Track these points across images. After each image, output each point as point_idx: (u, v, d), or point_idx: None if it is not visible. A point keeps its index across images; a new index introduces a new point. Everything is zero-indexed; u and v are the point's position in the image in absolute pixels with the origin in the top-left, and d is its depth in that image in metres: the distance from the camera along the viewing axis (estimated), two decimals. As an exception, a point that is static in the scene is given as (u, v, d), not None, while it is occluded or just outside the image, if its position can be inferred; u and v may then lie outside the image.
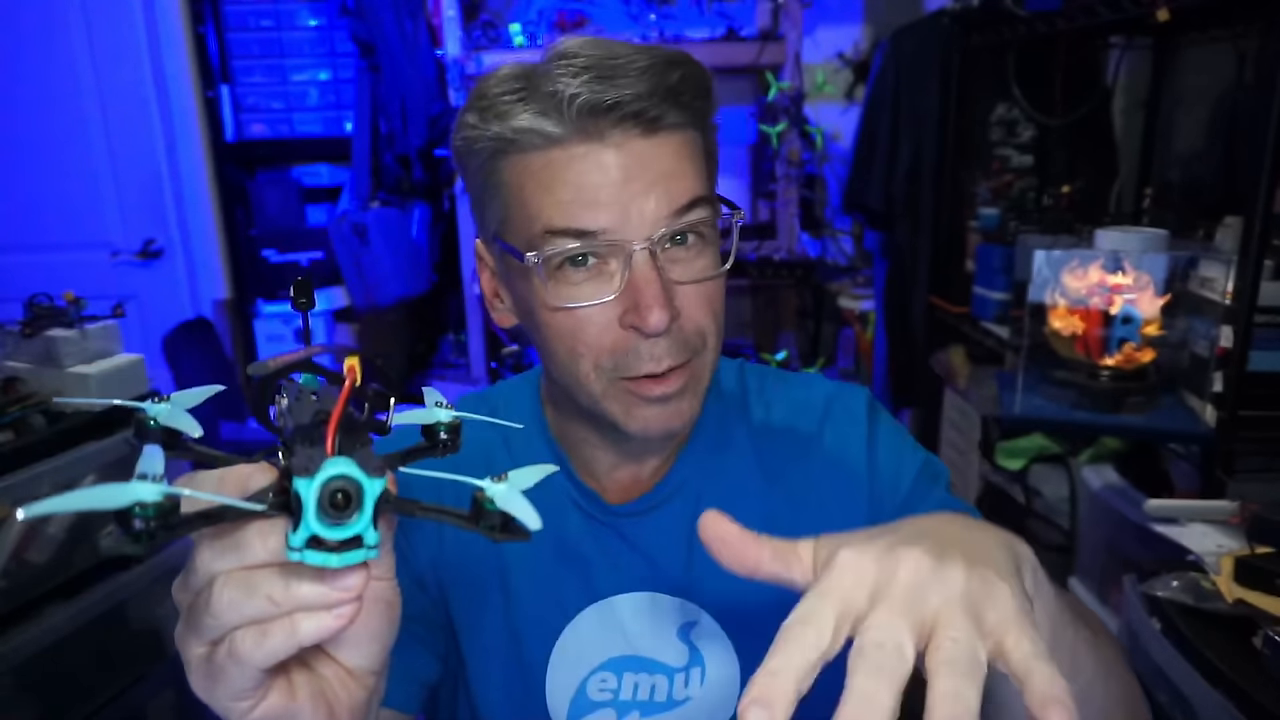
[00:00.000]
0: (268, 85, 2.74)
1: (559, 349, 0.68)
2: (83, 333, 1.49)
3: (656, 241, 0.64)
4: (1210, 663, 0.92)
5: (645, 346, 0.65)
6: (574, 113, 0.62)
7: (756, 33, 2.38)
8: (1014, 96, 2.11)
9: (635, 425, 0.68)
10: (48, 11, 2.60)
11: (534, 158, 0.64)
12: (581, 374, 0.68)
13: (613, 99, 0.61)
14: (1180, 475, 1.55)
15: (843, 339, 2.68)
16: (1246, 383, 1.30)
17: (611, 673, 0.75)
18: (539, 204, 0.64)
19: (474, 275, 2.51)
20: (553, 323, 0.67)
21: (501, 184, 0.67)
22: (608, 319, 0.65)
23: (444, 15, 2.35)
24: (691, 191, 0.65)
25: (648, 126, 0.64)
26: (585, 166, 0.63)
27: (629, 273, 0.64)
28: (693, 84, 0.66)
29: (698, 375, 0.69)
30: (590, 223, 0.63)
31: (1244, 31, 1.71)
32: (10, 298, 1.62)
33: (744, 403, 0.81)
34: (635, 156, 0.64)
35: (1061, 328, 1.52)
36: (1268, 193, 1.20)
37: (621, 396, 0.68)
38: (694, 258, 0.67)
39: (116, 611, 1.53)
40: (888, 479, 0.77)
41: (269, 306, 2.81)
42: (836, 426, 0.79)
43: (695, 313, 0.67)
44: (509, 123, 0.64)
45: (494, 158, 0.66)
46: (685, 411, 0.69)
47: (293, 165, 2.82)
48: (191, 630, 0.40)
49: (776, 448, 0.79)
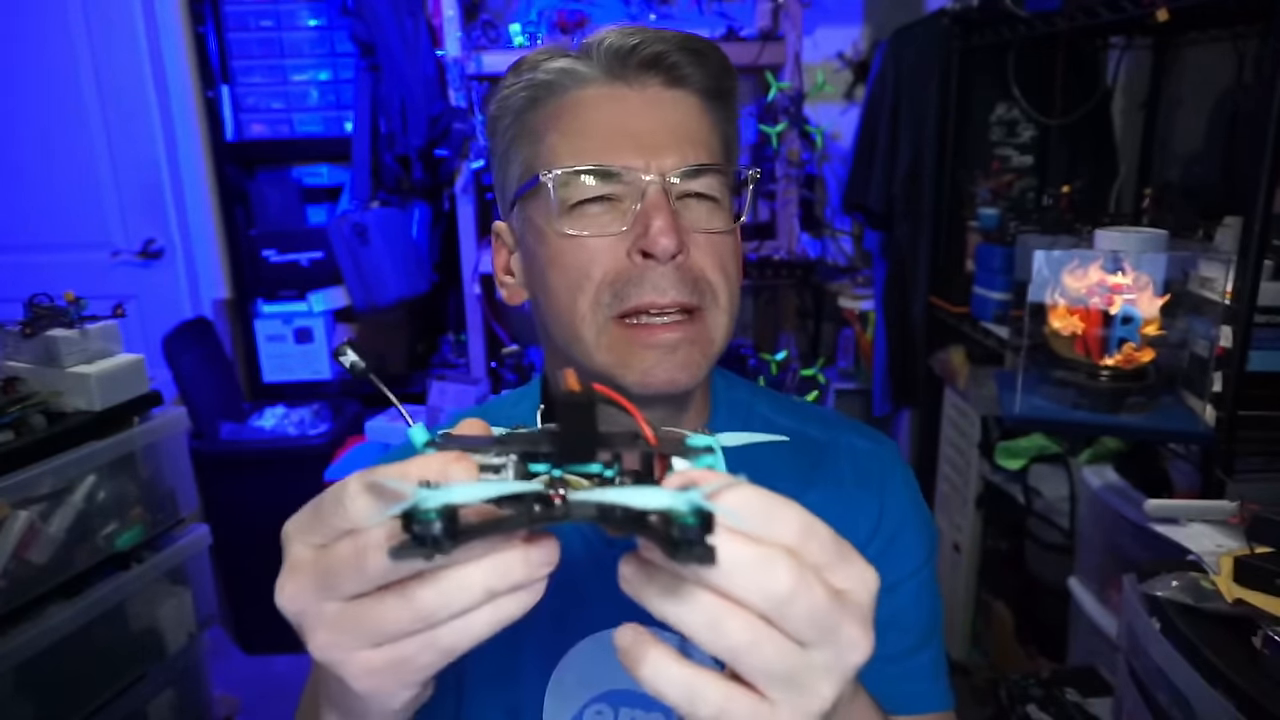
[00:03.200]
0: (268, 85, 2.73)
1: (561, 285, 0.68)
2: (83, 333, 1.49)
3: (670, 183, 0.66)
4: (1210, 663, 0.92)
5: (652, 276, 0.66)
6: (602, 54, 0.68)
7: (756, 33, 2.38)
8: (1014, 96, 2.11)
9: (633, 375, 0.67)
10: (48, 11, 2.60)
11: (564, 99, 0.69)
12: (579, 313, 0.67)
13: (637, 42, 0.67)
14: (1180, 475, 1.55)
15: (843, 339, 2.68)
16: (1246, 383, 1.30)
17: (608, 705, 0.73)
18: (564, 142, 0.68)
19: (474, 275, 2.51)
20: (560, 257, 0.68)
21: (528, 134, 0.70)
22: (616, 251, 0.67)
23: (444, 15, 2.35)
24: (708, 156, 0.69)
25: (668, 76, 0.69)
26: (609, 108, 0.68)
27: (641, 204, 0.66)
28: (716, 56, 0.71)
29: (705, 333, 0.69)
30: (610, 159, 0.66)
31: (1244, 32, 1.71)
32: (10, 298, 1.62)
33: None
34: (657, 105, 0.68)
35: (1061, 328, 1.52)
36: (1268, 193, 1.20)
37: (618, 343, 0.67)
38: (705, 212, 0.69)
39: (116, 611, 1.53)
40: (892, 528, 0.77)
41: (269, 306, 2.81)
42: (866, 479, 0.79)
43: (704, 259, 0.68)
44: (543, 66, 0.69)
45: (526, 109, 0.71)
46: (691, 365, 0.68)
47: (293, 165, 2.82)
48: (363, 634, 0.39)
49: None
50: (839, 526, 0.73)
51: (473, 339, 2.60)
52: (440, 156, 2.54)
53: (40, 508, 1.40)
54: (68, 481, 1.44)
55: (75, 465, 1.44)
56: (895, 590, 0.76)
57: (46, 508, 1.41)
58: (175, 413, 1.65)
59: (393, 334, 2.96)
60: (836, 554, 0.38)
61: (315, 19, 2.69)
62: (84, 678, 1.48)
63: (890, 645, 0.74)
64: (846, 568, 0.38)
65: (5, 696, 1.34)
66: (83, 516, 1.46)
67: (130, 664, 1.57)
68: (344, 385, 2.86)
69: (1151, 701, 1.06)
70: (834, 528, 0.72)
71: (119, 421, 1.52)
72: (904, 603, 0.76)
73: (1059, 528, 1.83)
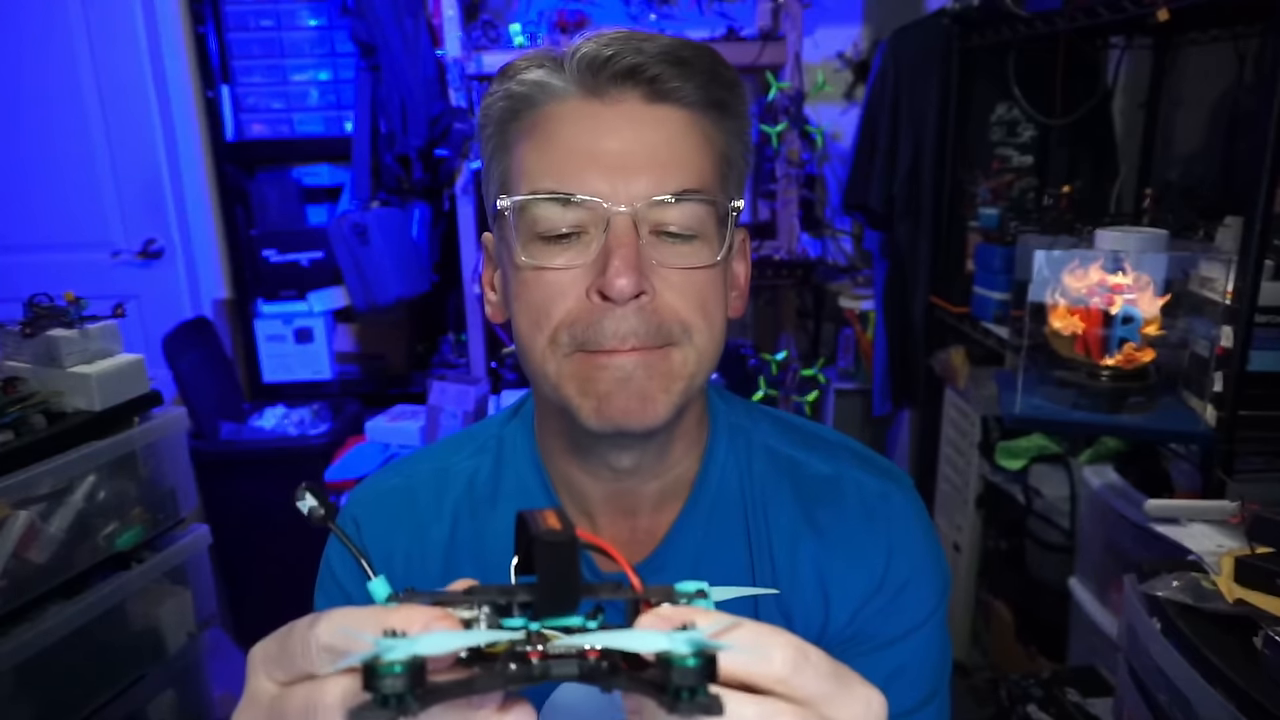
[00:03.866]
0: (268, 85, 2.73)
1: (522, 323, 0.64)
2: (83, 333, 1.48)
3: (641, 213, 0.61)
4: (1210, 663, 0.92)
5: (611, 321, 0.61)
6: (575, 66, 0.62)
7: (756, 33, 2.38)
8: (1014, 96, 2.11)
9: (588, 404, 0.62)
10: (48, 12, 2.60)
11: (537, 114, 0.64)
12: (539, 351, 0.63)
13: (612, 53, 0.61)
14: (1180, 475, 1.55)
15: (843, 339, 2.68)
16: (1246, 383, 1.30)
17: None
18: (531, 162, 0.63)
19: (474, 275, 2.51)
20: (523, 291, 0.63)
21: (505, 148, 0.66)
22: (577, 289, 0.62)
23: (444, 15, 2.35)
24: (691, 180, 0.62)
25: (648, 90, 0.62)
26: (581, 127, 0.62)
27: (605, 237, 0.60)
28: (706, 64, 0.64)
29: (673, 370, 0.63)
30: (575, 186, 0.61)
31: (1244, 32, 1.71)
32: (10, 298, 1.61)
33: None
34: (633, 123, 0.62)
35: (1062, 328, 1.52)
36: (1268, 193, 1.20)
37: (577, 370, 0.62)
38: (683, 246, 0.63)
39: (116, 611, 1.53)
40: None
41: (269, 306, 2.81)
42: (874, 523, 0.73)
43: (674, 299, 0.62)
44: (519, 77, 0.64)
45: (506, 120, 0.66)
46: (650, 400, 0.62)
47: (293, 165, 2.82)
48: None
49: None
50: (843, 573, 0.72)
51: (473, 339, 2.60)
52: (440, 156, 2.54)
53: (40, 508, 1.40)
54: (68, 481, 1.44)
55: (75, 465, 1.43)
56: (904, 641, 0.72)
57: (46, 508, 1.41)
58: (175, 413, 1.65)
59: (393, 334, 2.96)
60: (834, 683, 0.35)
61: (315, 19, 2.69)
62: (84, 678, 1.48)
63: (897, 701, 0.69)
64: (847, 696, 0.35)
65: (5, 696, 1.34)
66: (83, 516, 1.46)
67: (130, 664, 1.57)
68: (344, 385, 2.86)
69: (1152, 701, 1.06)
70: (837, 572, 0.72)
71: (119, 421, 1.52)
72: (913, 655, 0.72)
73: (1059, 528, 1.82)
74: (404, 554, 0.76)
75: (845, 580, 0.72)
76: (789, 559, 0.72)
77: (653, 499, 0.73)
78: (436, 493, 0.77)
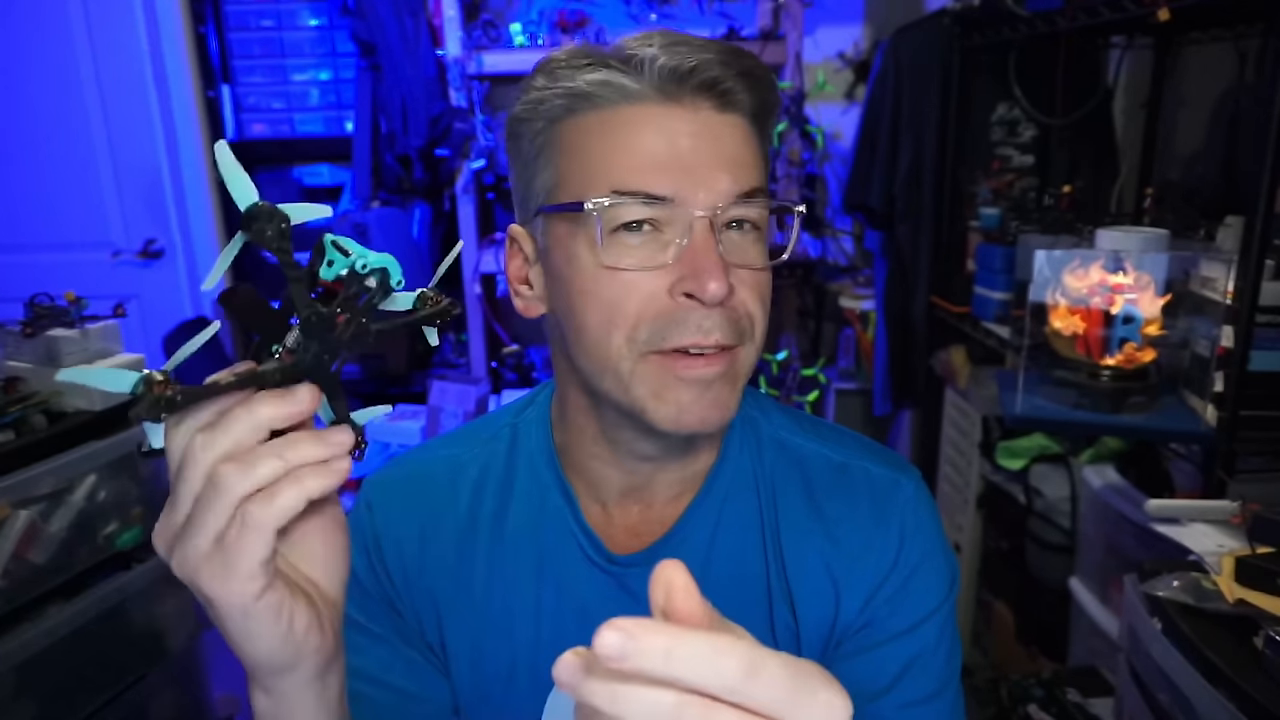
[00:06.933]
0: (268, 85, 2.74)
1: (593, 320, 0.65)
2: (83, 332, 1.49)
3: (720, 214, 0.64)
4: (1211, 663, 0.92)
5: (696, 316, 0.63)
6: (655, 73, 0.63)
7: (757, 33, 2.38)
8: (1015, 96, 2.10)
9: (665, 411, 0.64)
10: (48, 11, 2.60)
11: (607, 114, 0.65)
12: (613, 348, 0.64)
13: (693, 64, 0.63)
14: (1181, 475, 1.55)
15: (843, 339, 2.68)
16: (1247, 383, 1.30)
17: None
18: (608, 163, 0.64)
19: (475, 275, 2.51)
20: (596, 288, 0.64)
21: (563, 145, 0.66)
22: (655, 287, 0.63)
23: (444, 15, 2.35)
24: (756, 180, 0.66)
25: (720, 100, 0.65)
26: (660, 131, 0.64)
27: (687, 240, 0.63)
28: (762, 73, 0.67)
29: (740, 368, 0.67)
30: (659, 187, 0.63)
31: (1245, 32, 1.71)
32: (11, 298, 1.61)
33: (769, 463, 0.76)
34: (708, 128, 0.64)
35: (1062, 327, 1.52)
36: (1269, 193, 1.20)
37: (653, 375, 0.64)
38: (749, 245, 0.66)
39: (116, 611, 1.53)
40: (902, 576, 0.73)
41: (269, 306, 2.81)
42: (883, 512, 0.74)
43: (746, 296, 0.65)
44: (585, 76, 0.65)
45: (560, 118, 0.66)
46: (725, 404, 0.65)
47: (293, 165, 2.82)
48: (197, 532, 0.44)
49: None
50: (854, 562, 0.72)
51: (473, 339, 2.60)
52: (441, 156, 2.54)
53: (40, 507, 1.40)
54: (68, 481, 1.44)
55: (76, 465, 1.44)
56: (915, 631, 0.71)
57: (47, 507, 1.41)
58: (175, 412, 1.65)
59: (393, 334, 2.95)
60: (792, 689, 0.32)
61: (316, 19, 2.69)
62: (84, 678, 1.48)
63: (910, 690, 0.69)
64: (808, 700, 0.32)
65: (5, 696, 1.34)
66: (83, 516, 1.46)
67: (130, 664, 1.57)
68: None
69: (1152, 702, 1.06)
70: (846, 561, 0.72)
71: (119, 421, 1.52)
72: (925, 644, 0.71)
73: (1060, 528, 1.82)
74: (418, 538, 0.77)
75: (856, 569, 0.72)
76: (798, 550, 0.73)
77: (669, 488, 0.75)
78: (450, 478, 0.79)
